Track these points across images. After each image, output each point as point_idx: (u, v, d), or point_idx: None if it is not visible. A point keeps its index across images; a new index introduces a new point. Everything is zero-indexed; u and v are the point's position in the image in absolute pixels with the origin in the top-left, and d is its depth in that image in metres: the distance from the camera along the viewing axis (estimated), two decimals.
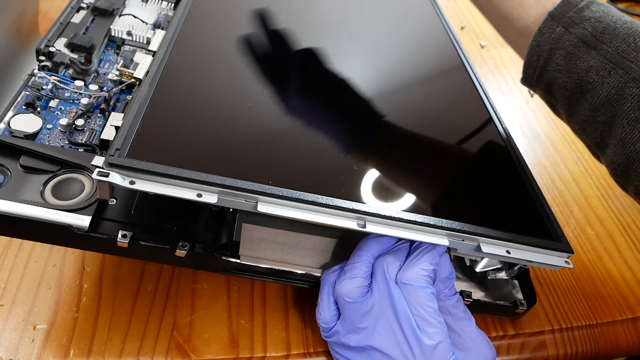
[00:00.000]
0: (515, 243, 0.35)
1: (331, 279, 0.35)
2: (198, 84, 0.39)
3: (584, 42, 0.37)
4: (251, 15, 0.49)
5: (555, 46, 0.38)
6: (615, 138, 0.37)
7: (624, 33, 0.37)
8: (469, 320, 0.35)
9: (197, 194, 0.30)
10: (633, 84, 0.35)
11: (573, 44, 0.38)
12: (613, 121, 0.37)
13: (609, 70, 0.36)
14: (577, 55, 0.38)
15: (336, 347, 0.34)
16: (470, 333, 0.35)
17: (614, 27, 0.37)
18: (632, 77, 0.35)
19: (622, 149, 0.37)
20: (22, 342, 0.35)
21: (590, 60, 0.37)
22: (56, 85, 0.38)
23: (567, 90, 0.39)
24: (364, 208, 0.32)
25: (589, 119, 0.39)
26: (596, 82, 0.37)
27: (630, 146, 0.36)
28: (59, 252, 0.39)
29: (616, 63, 0.36)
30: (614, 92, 0.36)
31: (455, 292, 0.36)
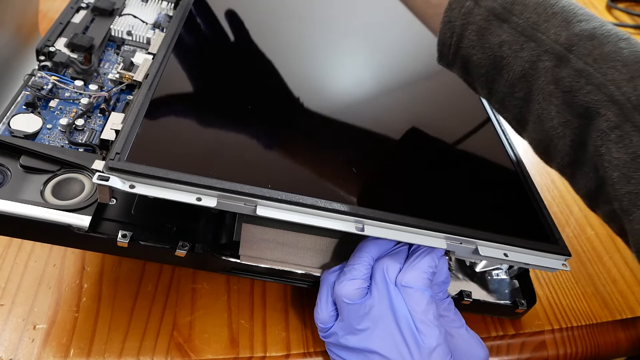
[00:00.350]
0: (513, 246, 0.35)
1: (330, 279, 0.35)
2: (198, 87, 0.39)
3: (494, 15, 0.35)
4: (251, 16, 0.49)
5: (467, 21, 0.36)
6: (533, 114, 0.36)
7: (533, 3, 0.35)
8: (459, 322, 0.36)
9: (196, 197, 0.30)
10: (545, 57, 0.34)
11: (483, 17, 0.35)
12: (530, 97, 0.36)
13: (521, 43, 0.35)
14: (488, 29, 0.36)
15: (333, 348, 0.34)
16: (462, 334, 0.35)
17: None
18: (544, 49, 0.34)
19: (540, 125, 0.36)
20: (22, 341, 0.35)
21: (502, 34, 0.35)
22: (56, 85, 0.38)
23: (483, 67, 0.37)
24: (362, 211, 0.32)
25: (507, 96, 0.37)
26: (510, 57, 0.35)
27: (548, 122, 0.35)
28: (59, 252, 0.39)
29: (528, 35, 0.34)
30: (528, 67, 0.35)
31: (447, 295, 0.36)
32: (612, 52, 0.32)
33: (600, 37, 0.33)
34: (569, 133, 0.34)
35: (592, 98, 0.32)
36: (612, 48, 0.32)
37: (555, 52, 0.34)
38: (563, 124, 0.34)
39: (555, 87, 0.34)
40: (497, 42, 0.35)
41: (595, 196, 0.35)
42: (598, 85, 0.32)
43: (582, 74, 0.33)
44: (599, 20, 0.34)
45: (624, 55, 0.32)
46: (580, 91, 0.33)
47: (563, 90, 0.34)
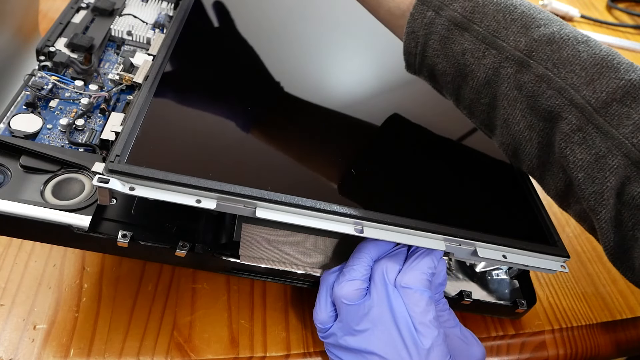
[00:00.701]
0: (512, 247, 0.35)
1: (330, 280, 0.35)
2: (197, 89, 0.39)
3: (455, 24, 0.36)
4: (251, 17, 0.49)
5: (429, 31, 0.37)
6: (500, 119, 0.36)
7: (493, 10, 0.35)
8: (454, 321, 0.36)
9: (196, 199, 0.30)
10: (507, 64, 0.34)
11: (445, 27, 0.36)
12: (495, 102, 0.36)
13: (483, 51, 0.35)
14: (450, 38, 0.36)
15: (332, 349, 0.34)
16: (456, 333, 0.35)
17: (484, 5, 0.35)
18: (505, 56, 0.34)
19: (507, 130, 0.36)
20: (22, 341, 0.35)
21: (464, 43, 0.36)
22: (56, 85, 0.38)
23: (449, 75, 0.38)
24: (362, 213, 0.32)
25: (473, 102, 0.38)
26: (473, 65, 0.36)
27: (514, 126, 0.36)
28: (59, 252, 0.39)
29: (489, 43, 0.35)
30: (491, 74, 0.35)
31: (442, 296, 0.37)
32: (570, 56, 0.33)
33: (559, 41, 0.34)
34: (535, 136, 0.35)
35: (553, 102, 0.33)
36: (571, 52, 0.33)
37: (516, 58, 0.34)
38: (529, 128, 0.35)
39: (518, 93, 0.35)
40: (459, 50, 0.36)
41: (565, 196, 0.36)
42: (559, 89, 0.33)
43: (543, 79, 0.33)
44: (558, 24, 0.35)
45: (583, 58, 0.33)
46: (542, 96, 0.34)
47: (526, 95, 0.34)
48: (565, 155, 0.33)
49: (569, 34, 0.34)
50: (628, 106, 0.31)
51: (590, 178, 0.33)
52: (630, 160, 0.31)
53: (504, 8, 0.35)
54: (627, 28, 0.85)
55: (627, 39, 0.82)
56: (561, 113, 0.33)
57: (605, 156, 0.32)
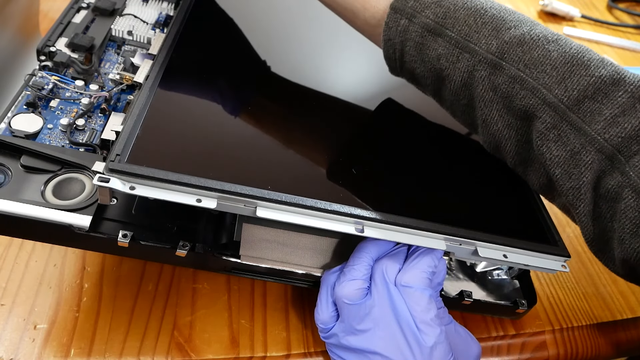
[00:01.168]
0: (512, 247, 0.35)
1: (331, 280, 0.35)
2: (198, 88, 0.39)
3: (428, 30, 0.36)
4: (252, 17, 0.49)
5: (404, 38, 0.37)
6: (479, 119, 0.37)
7: (464, 15, 0.36)
8: (448, 318, 0.36)
9: (196, 199, 0.30)
10: (480, 67, 0.35)
11: (419, 34, 0.37)
12: (473, 103, 0.37)
13: (456, 55, 0.36)
14: (425, 44, 0.37)
15: (334, 349, 0.34)
16: (451, 330, 0.35)
17: (455, 10, 0.36)
18: (478, 59, 0.35)
19: (487, 129, 0.37)
20: (22, 341, 0.35)
21: (438, 48, 0.36)
22: (57, 85, 0.38)
23: (428, 79, 0.38)
24: (362, 212, 0.32)
25: (453, 103, 0.39)
26: (449, 69, 0.36)
27: (493, 126, 0.36)
28: (60, 252, 0.39)
29: (462, 47, 0.36)
30: (466, 77, 0.36)
31: (439, 294, 0.37)
32: (541, 56, 0.34)
33: (529, 42, 0.34)
34: (513, 134, 0.36)
35: (527, 102, 0.34)
36: (541, 52, 0.34)
37: (489, 61, 0.35)
38: (507, 127, 0.36)
39: (493, 94, 0.35)
40: (434, 55, 0.37)
41: (548, 191, 0.37)
42: (531, 89, 0.34)
43: (516, 80, 0.34)
44: (529, 24, 0.35)
45: (553, 57, 0.34)
46: (516, 96, 0.34)
47: (501, 96, 0.35)
48: (542, 152, 0.34)
49: (539, 34, 0.34)
50: (599, 102, 0.32)
51: (567, 174, 0.34)
52: (604, 154, 0.32)
53: (474, 12, 0.36)
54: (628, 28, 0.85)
55: (628, 39, 0.82)
56: (535, 112, 0.34)
57: (580, 152, 0.33)
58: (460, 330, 0.36)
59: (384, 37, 0.39)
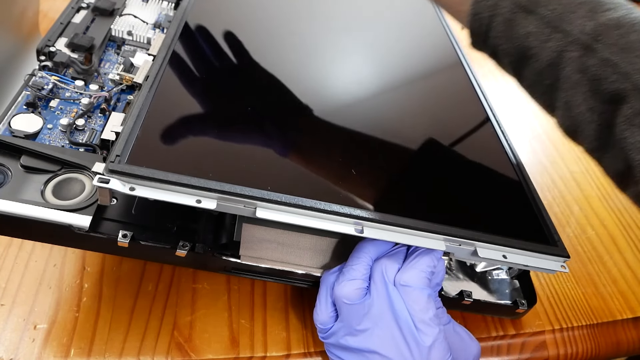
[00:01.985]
0: (512, 247, 0.35)
1: (330, 280, 0.35)
2: (198, 89, 0.39)
3: (520, 7, 0.36)
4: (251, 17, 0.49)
5: (493, 13, 0.37)
6: (561, 101, 0.37)
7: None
8: (447, 318, 0.36)
9: (196, 200, 0.30)
10: (572, 47, 0.35)
11: (510, 10, 0.36)
12: (557, 84, 0.36)
13: (547, 34, 0.35)
14: (515, 21, 0.36)
15: (333, 349, 0.34)
16: (451, 330, 0.35)
17: None
18: (570, 40, 0.35)
19: (568, 112, 0.36)
20: (22, 341, 0.35)
21: (528, 26, 0.36)
22: (57, 85, 0.38)
23: (512, 56, 0.38)
24: (362, 213, 0.32)
25: (535, 83, 0.38)
26: (537, 48, 0.36)
27: (575, 109, 0.36)
28: (60, 252, 0.39)
29: (554, 27, 0.35)
30: (555, 56, 0.36)
31: (437, 294, 0.37)
32: (637, 41, 0.33)
33: (627, 25, 0.33)
34: (595, 118, 0.35)
35: (618, 86, 0.33)
36: (638, 36, 0.33)
37: (582, 42, 0.34)
38: (590, 110, 0.35)
39: (582, 76, 0.35)
40: (523, 33, 0.36)
41: (623, 178, 0.36)
42: (624, 74, 0.33)
43: (609, 63, 0.33)
44: (626, 8, 0.35)
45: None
46: (606, 80, 0.34)
47: (589, 78, 0.34)
48: (625, 137, 0.33)
49: (637, 18, 0.34)
50: None
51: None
52: None
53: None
54: None
55: None
56: (625, 97, 0.33)
57: None
58: (459, 330, 0.36)
59: (472, 11, 0.38)
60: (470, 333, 0.36)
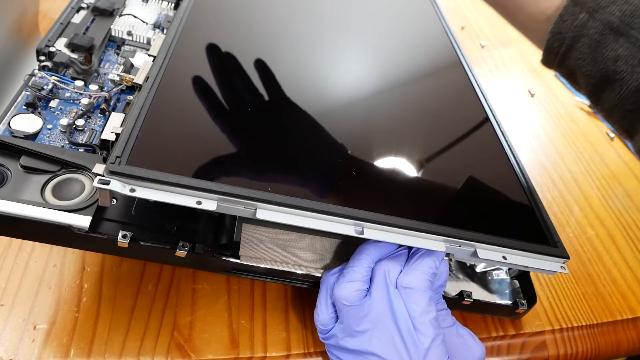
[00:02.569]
0: (512, 249, 0.35)
1: (330, 281, 0.35)
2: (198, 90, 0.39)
3: (610, 28, 0.34)
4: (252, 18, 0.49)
5: (579, 34, 0.35)
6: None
7: None
8: (451, 320, 0.36)
9: (196, 201, 0.30)
10: None
11: (599, 31, 0.34)
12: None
13: (639, 58, 0.33)
14: (603, 43, 0.34)
15: (333, 350, 0.34)
16: (455, 333, 0.35)
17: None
18: None
19: None
20: (22, 342, 0.35)
21: (618, 49, 0.34)
22: (56, 85, 0.38)
23: (593, 78, 0.36)
24: (362, 214, 0.32)
25: (617, 107, 0.36)
26: (625, 72, 0.34)
27: None
28: (59, 252, 0.39)
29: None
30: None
31: (441, 296, 0.37)
32: None
33: None
34: None
35: None
36: None
37: None
38: None
39: None
40: (612, 56, 0.34)
41: None
42: None
43: None
44: None
45: None
46: None
47: None
48: None
49: None
50: None
51: None
52: None
53: None
54: None
55: None
56: None
57: None
58: (462, 333, 0.36)
59: (552, 29, 0.36)
60: (474, 335, 0.36)
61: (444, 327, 0.35)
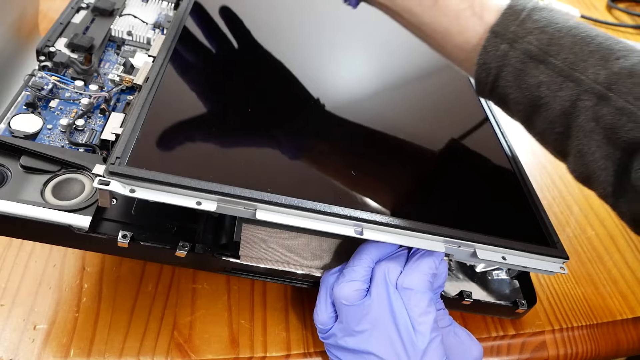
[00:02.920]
0: (511, 249, 0.35)
1: (330, 280, 0.35)
2: (198, 90, 0.39)
3: (530, 57, 0.35)
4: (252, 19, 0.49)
5: (503, 63, 0.36)
6: (574, 148, 0.36)
7: (569, 42, 0.35)
8: (449, 320, 0.36)
9: (196, 201, 0.30)
10: (585, 97, 0.34)
11: (520, 60, 0.36)
12: (569, 132, 0.36)
13: (559, 84, 0.35)
14: (525, 71, 0.36)
15: (332, 349, 0.35)
16: (452, 333, 0.35)
17: (559, 37, 0.35)
18: (583, 89, 0.34)
19: (581, 160, 0.36)
20: (22, 342, 0.35)
21: (539, 76, 0.35)
22: (56, 86, 0.38)
23: (521, 105, 0.38)
24: (362, 215, 0.32)
25: (546, 131, 0.38)
26: (548, 97, 0.36)
27: (589, 156, 0.35)
28: (59, 252, 0.39)
29: (566, 76, 0.35)
30: (567, 105, 0.35)
31: (439, 296, 0.37)
32: None
33: None
34: (610, 165, 0.35)
35: (634, 135, 0.33)
36: None
37: (595, 91, 0.34)
38: (604, 157, 0.35)
39: (595, 124, 0.34)
40: (534, 83, 0.36)
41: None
42: None
43: (624, 112, 0.33)
44: (638, 55, 0.34)
45: None
46: (622, 129, 0.33)
47: (604, 127, 0.34)
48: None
49: None
50: None
51: None
52: None
53: (580, 40, 0.35)
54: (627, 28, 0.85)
55: (627, 39, 0.82)
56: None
57: None
58: (459, 333, 0.36)
59: (479, 61, 0.38)
60: (471, 335, 0.36)
61: (441, 327, 0.35)
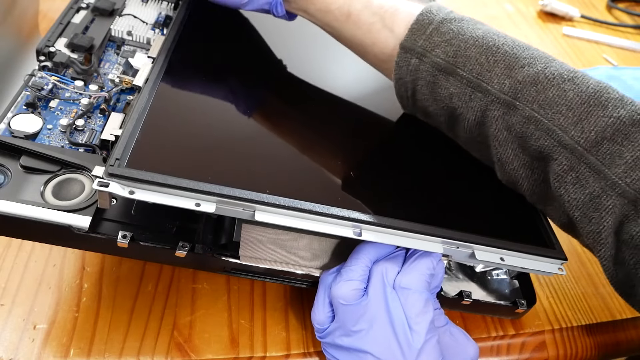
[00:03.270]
0: (509, 250, 0.35)
1: (328, 280, 0.35)
2: (197, 92, 0.39)
3: (439, 70, 0.35)
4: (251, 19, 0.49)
5: (416, 77, 0.37)
6: (495, 157, 0.37)
7: (475, 53, 0.35)
8: (444, 320, 0.36)
9: (195, 203, 0.30)
10: (493, 107, 0.34)
11: (430, 73, 0.36)
12: (487, 142, 0.36)
13: (469, 94, 0.35)
14: (437, 83, 0.36)
15: (329, 348, 0.35)
16: (448, 334, 0.35)
17: (465, 48, 0.35)
18: (490, 99, 0.34)
19: (503, 167, 0.36)
20: (22, 341, 0.35)
21: (450, 87, 0.36)
22: (56, 86, 0.38)
23: (441, 116, 0.38)
24: (360, 216, 0.32)
25: (469, 140, 0.38)
26: (462, 108, 0.36)
27: (508, 165, 0.36)
28: (59, 252, 0.39)
29: (474, 87, 0.35)
30: (480, 115, 0.35)
31: (435, 296, 0.37)
32: (556, 96, 0.33)
33: (544, 81, 0.33)
34: (530, 174, 0.35)
35: (542, 143, 0.33)
36: (556, 92, 0.33)
37: (502, 101, 0.34)
38: (523, 166, 0.35)
39: (508, 134, 0.35)
40: (446, 94, 0.36)
41: (571, 229, 0.36)
42: (546, 130, 0.33)
43: (531, 121, 0.33)
44: (543, 62, 0.34)
45: (569, 97, 0.32)
46: (531, 137, 0.33)
47: (515, 135, 0.34)
48: (561, 194, 0.33)
49: (554, 72, 0.33)
50: (619, 144, 0.31)
51: (586, 217, 0.33)
52: (627, 199, 0.31)
53: (486, 50, 0.35)
54: (627, 28, 0.85)
55: (627, 39, 0.82)
56: (551, 154, 0.33)
57: (600, 196, 0.32)
58: (455, 332, 0.36)
59: (394, 76, 0.38)
60: (467, 334, 0.36)
61: (437, 327, 0.35)
